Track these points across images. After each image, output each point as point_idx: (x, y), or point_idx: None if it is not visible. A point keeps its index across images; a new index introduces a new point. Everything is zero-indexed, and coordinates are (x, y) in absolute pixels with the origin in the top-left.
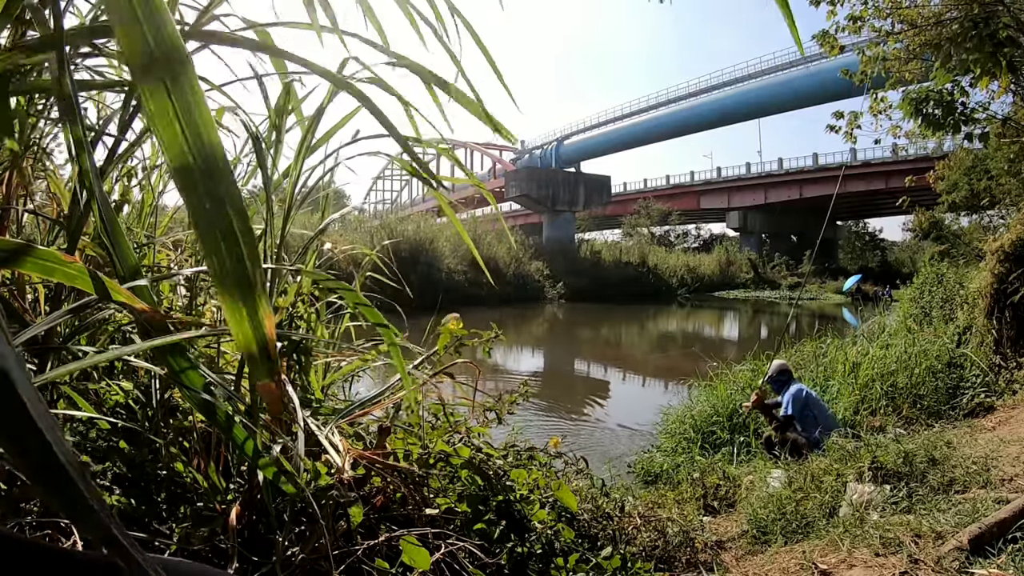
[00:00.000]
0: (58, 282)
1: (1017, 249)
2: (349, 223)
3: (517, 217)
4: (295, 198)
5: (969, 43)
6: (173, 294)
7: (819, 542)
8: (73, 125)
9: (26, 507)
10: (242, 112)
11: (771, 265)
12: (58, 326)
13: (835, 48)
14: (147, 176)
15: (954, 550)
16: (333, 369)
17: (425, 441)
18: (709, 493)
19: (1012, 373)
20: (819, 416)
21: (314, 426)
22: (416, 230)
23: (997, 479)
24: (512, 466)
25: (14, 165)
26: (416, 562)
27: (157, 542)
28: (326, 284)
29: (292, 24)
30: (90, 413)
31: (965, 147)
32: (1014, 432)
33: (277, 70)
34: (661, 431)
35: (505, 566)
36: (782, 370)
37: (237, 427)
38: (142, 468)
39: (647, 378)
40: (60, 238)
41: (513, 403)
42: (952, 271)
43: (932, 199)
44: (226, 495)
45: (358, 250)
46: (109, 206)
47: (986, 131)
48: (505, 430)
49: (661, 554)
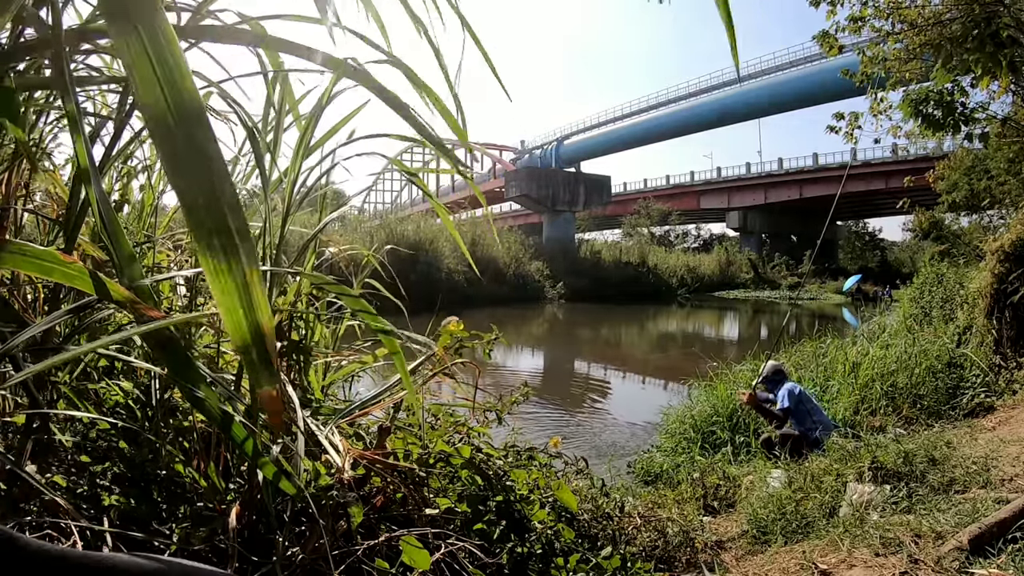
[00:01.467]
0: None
1: (1017, 249)
2: (349, 223)
3: (517, 217)
4: (294, 198)
5: (970, 43)
6: (173, 294)
7: (819, 542)
8: (71, 122)
9: (26, 507)
10: (239, 108)
11: (771, 265)
12: (57, 326)
13: (834, 48)
14: (147, 176)
15: (954, 550)
16: (333, 369)
17: (425, 441)
18: (709, 493)
19: (1012, 373)
20: (813, 411)
21: (314, 426)
22: (416, 230)
23: (997, 479)
24: (512, 466)
25: (14, 163)
26: (416, 562)
27: (157, 542)
28: (328, 288)
29: (289, 16)
30: (90, 413)
31: (965, 147)
32: (1014, 432)
33: (274, 68)
34: (661, 431)
35: (505, 566)
36: (776, 371)
37: (237, 427)
38: (142, 468)
39: (647, 378)
40: (60, 238)
41: (513, 403)
42: (952, 271)
43: (932, 199)
44: (226, 495)
45: (357, 251)
46: (108, 203)
47: (986, 131)
48: (505, 430)
49: (661, 554)
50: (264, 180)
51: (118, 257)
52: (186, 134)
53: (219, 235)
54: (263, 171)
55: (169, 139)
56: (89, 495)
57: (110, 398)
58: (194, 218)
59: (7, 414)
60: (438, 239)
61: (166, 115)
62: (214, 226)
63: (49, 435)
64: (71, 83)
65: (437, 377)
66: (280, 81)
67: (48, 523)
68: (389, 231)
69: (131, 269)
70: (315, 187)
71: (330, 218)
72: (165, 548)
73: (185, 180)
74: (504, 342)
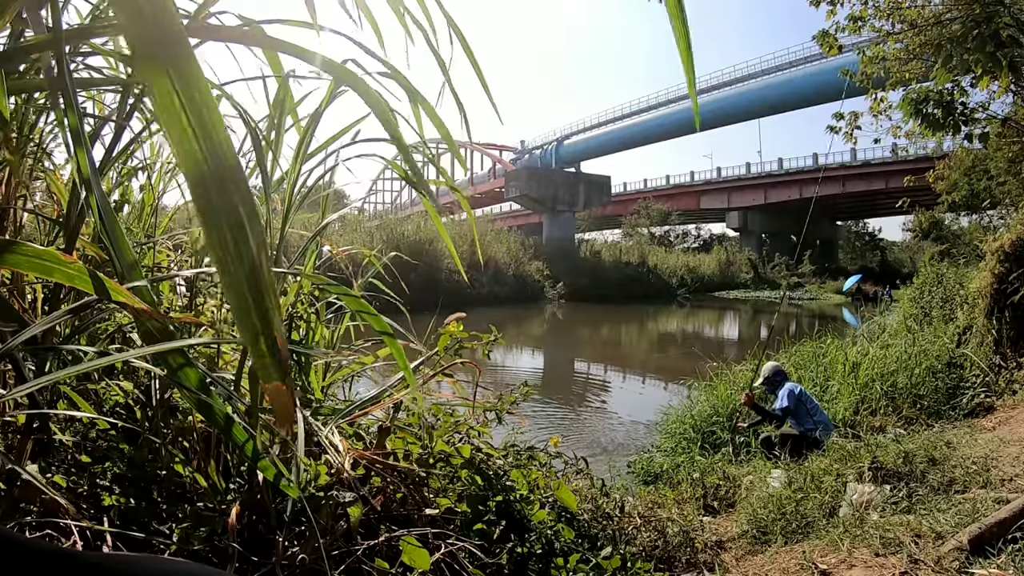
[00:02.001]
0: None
1: (1017, 249)
2: (349, 223)
3: (517, 217)
4: (294, 198)
5: (970, 43)
6: (173, 294)
7: (819, 542)
8: (71, 122)
9: (26, 507)
10: (240, 109)
11: (771, 265)
12: (57, 326)
13: (834, 48)
14: (148, 176)
15: (954, 550)
16: (333, 369)
17: (425, 441)
18: (709, 493)
19: (1012, 373)
20: (813, 411)
21: (314, 426)
22: (416, 230)
23: (997, 479)
24: (512, 466)
25: (11, 160)
26: (416, 562)
27: (157, 542)
28: (328, 289)
29: (289, 22)
30: (90, 413)
31: (965, 147)
32: (1014, 432)
33: (274, 72)
34: (661, 431)
35: (505, 566)
36: (777, 371)
37: (237, 427)
38: (142, 468)
39: (647, 378)
40: (60, 238)
41: (513, 403)
42: (952, 271)
43: (932, 199)
44: (226, 495)
45: (358, 251)
46: (108, 203)
47: (986, 131)
48: (505, 429)
49: (661, 554)
50: (265, 180)
51: (118, 258)
52: (220, 187)
53: (251, 290)
54: (264, 171)
55: (204, 189)
56: (89, 495)
57: (110, 398)
58: (223, 264)
59: (7, 414)
60: (438, 239)
61: (202, 170)
62: (246, 283)
63: (49, 435)
64: (71, 84)
65: (437, 377)
66: (280, 83)
67: (48, 523)
68: (389, 231)
69: (131, 270)
70: (316, 188)
71: (330, 219)
72: (165, 548)
73: (213, 224)
74: (503, 343)
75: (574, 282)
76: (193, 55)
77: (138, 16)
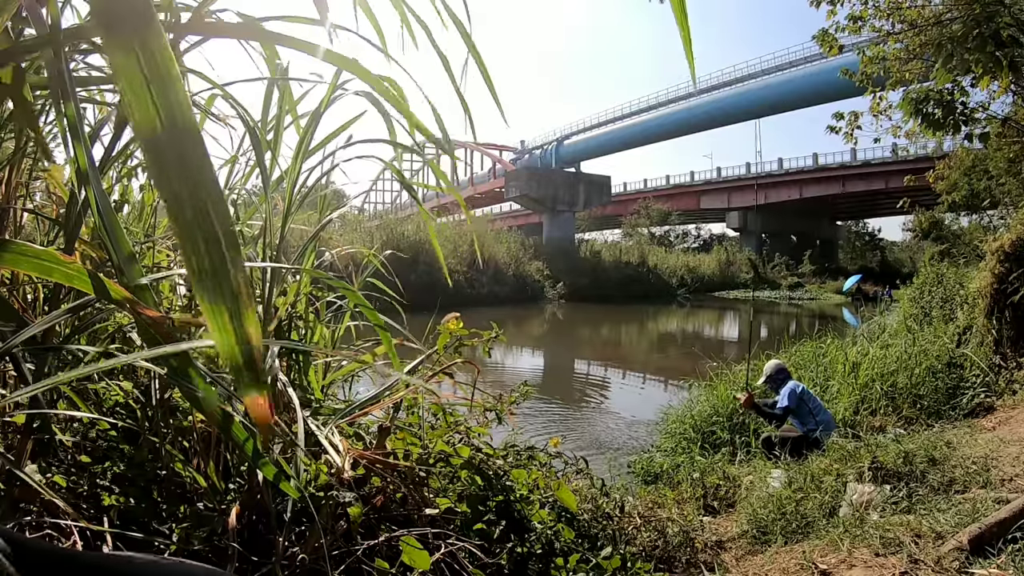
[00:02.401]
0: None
1: (1017, 249)
2: (349, 223)
3: (517, 217)
4: (294, 197)
5: (970, 43)
6: (173, 294)
7: (819, 542)
8: (69, 118)
9: (26, 507)
10: (240, 107)
11: (771, 265)
12: (57, 325)
13: (834, 48)
14: (147, 176)
15: (954, 550)
16: (333, 368)
17: (425, 441)
18: (709, 493)
19: (1012, 373)
20: (816, 410)
21: (314, 426)
22: (416, 230)
23: (997, 479)
24: (512, 466)
25: (13, 162)
26: (416, 562)
27: (157, 542)
28: (328, 283)
29: (290, 18)
30: (90, 413)
31: (965, 147)
32: (1014, 432)
33: (269, 67)
34: (661, 431)
35: (505, 566)
36: (779, 369)
37: (237, 427)
38: (142, 468)
39: (647, 377)
40: (59, 238)
41: (513, 403)
42: (952, 271)
43: (932, 199)
44: (226, 495)
45: (357, 250)
46: (108, 202)
47: (986, 131)
48: (505, 429)
49: (661, 554)
50: (264, 179)
51: (118, 257)
52: (182, 172)
53: (220, 289)
54: (263, 170)
55: (166, 174)
56: (89, 495)
57: (110, 398)
58: (193, 264)
59: (7, 414)
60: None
61: (162, 145)
62: (214, 281)
63: (49, 435)
64: (70, 83)
65: (437, 376)
66: (272, 71)
67: (48, 523)
68: (389, 231)
69: (131, 269)
70: (316, 187)
71: (330, 217)
72: (165, 548)
73: (171, 190)
74: (503, 340)
75: (574, 282)
76: (155, 18)
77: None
